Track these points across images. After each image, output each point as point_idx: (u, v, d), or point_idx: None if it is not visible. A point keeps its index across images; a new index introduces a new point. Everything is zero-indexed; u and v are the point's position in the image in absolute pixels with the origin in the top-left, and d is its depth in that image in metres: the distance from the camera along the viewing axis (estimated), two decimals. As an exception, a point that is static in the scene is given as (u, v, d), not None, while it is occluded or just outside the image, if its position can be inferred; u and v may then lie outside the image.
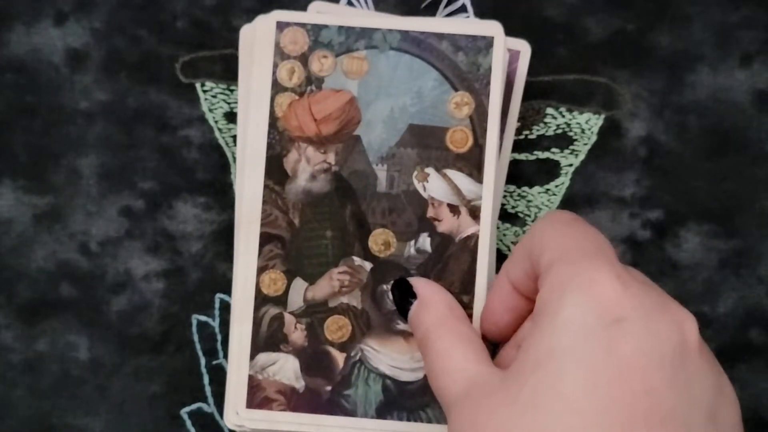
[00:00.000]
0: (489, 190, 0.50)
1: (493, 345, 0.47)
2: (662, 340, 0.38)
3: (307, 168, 0.50)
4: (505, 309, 0.45)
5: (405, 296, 0.47)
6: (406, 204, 0.50)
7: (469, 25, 0.50)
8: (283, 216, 0.50)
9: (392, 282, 0.48)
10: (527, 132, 0.53)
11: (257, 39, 0.50)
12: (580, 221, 0.43)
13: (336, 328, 0.50)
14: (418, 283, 0.47)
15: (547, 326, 0.39)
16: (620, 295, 0.38)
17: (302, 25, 0.50)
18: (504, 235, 0.53)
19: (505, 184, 0.52)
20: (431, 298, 0.46)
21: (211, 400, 0.52)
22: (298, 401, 0.49)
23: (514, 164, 0.52)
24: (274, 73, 0.50)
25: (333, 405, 0.49)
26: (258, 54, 0.50)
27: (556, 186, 0.53)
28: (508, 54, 0.51)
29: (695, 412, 0.38)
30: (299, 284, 0.50)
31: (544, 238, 0.42)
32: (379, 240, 0.50)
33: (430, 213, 0.50)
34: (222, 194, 0.52)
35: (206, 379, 0.52)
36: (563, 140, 0.53)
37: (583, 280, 0.39)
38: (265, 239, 0.50)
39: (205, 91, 0.53)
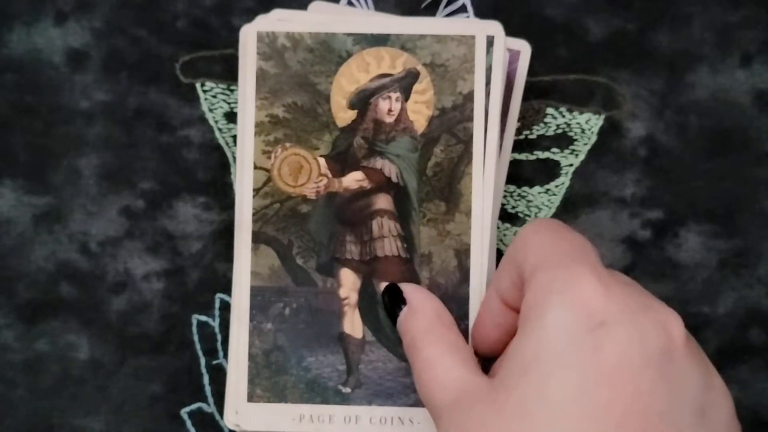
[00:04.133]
0: (489, 190, 0.50)
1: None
2: (647, 341, 0.38)
3: (307, 168, 0.50)
4: (494, 324, 0.45)
5: (395, 302, 0.47)
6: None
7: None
8: (283, 216, 0.50)
9: (384, 288, 0.48)
10: (527, 132, 0.53)
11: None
12: (564, 227, 0.43)
13: None
14: (408, 289, 0.47)
15: (531, 332, 0.39)
16: (603, 297, 0.38)
17: None
18: (504, 235, 0.53)
19: (505, 184, 0.52)
20: (421, 304, 0.46)
21: (211, 400, 0.52)
22: None
23: (514, 164, 0.52)
24: (274, 73, 0.50)
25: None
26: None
27: (556, 186, 0.53)
28: (508, 54, 0.50)
29: (684, 410, 0.38)
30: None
31: (528, 245, 0.42)
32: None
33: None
34: (222, 194, 0.52)
35: (206, 379, 0.52)
36: (563, 140, 0.53)
37: (565, 284, 0.39)
38: (265, 239, 0.50)
39: (205, 91, 0.53)
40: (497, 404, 0.38)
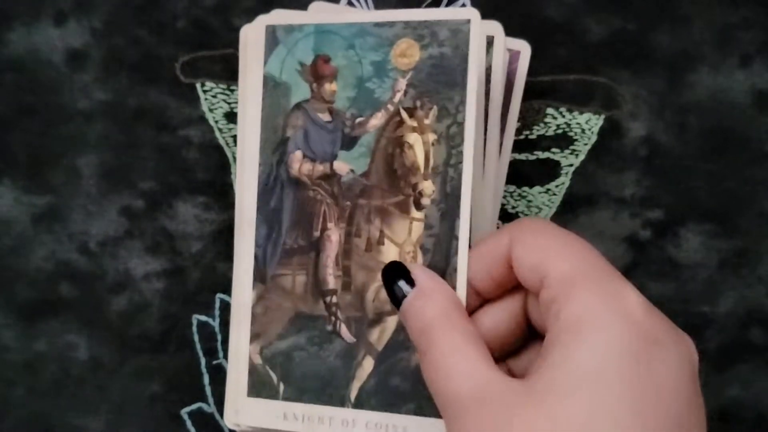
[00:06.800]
0: (489, 191, 0.50)
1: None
2: (687, 363, 0.39)
3: (308, 168, 0.50)
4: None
5: (396, 281, 0.44)
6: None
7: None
8: (283, 216, 0.50)
9: (386, 264, 0.45)
10: (527, 132, 0.53)
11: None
12: (572, 234, 0.43)
13: None
14: (418, 271, 0.44)
15: (585, 345, 0.38)
16: (651, 316, 0.39)
17: None
18: (504, 235, 0.53)
19: (505, 184, 0.52)
20: (434, 289, 0.44)
21: (211, 399, 0.52)
22: None
23: (514, 164, 0.52)
24: (274, 72, 0.50)
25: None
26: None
27: (557, 186, 0.53)
28: (508, 54, 0.51)
29: (703, 427, 0.39)
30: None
31: (550, 252, 0.41)
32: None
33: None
34: (222, 194, 0.53)
35: (206, 379, 0.52)
36: (563, 140, 0.53)
37: (617, 301, 0.39)
38: (265, 239, 0.50)
39: (205, 91, 0.53)
40: (545, 411, 0.38)
